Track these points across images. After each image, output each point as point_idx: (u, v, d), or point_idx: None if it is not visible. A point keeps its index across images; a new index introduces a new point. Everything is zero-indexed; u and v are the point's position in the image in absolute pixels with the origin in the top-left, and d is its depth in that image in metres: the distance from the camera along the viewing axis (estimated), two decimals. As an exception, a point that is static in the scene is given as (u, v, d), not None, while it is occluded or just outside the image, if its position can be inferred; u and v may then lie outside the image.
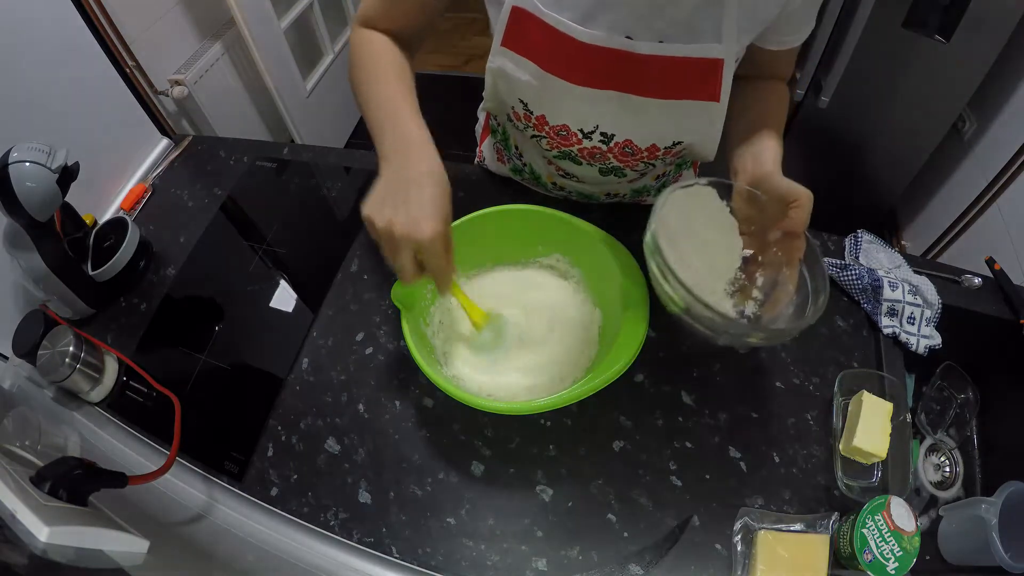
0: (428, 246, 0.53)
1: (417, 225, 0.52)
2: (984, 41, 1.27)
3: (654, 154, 0.71)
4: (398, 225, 0.52)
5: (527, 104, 0.69)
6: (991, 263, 0.82)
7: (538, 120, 0.70)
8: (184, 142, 1.17)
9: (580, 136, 0.69)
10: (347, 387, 0.77)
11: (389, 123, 0.60)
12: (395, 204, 0.53)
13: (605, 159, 0.73)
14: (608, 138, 0.69)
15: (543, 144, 0.74)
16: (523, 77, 0.65)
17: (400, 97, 0.62)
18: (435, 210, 0.54)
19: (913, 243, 1.75)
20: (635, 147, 0.69)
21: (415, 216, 0.52)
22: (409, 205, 0.53)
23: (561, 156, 0.76)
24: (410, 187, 0.54)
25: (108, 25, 1.16)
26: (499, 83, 0.69)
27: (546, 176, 0.86)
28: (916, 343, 0.74)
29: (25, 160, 0.73)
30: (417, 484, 0.68)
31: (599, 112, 0.66)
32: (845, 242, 0.85)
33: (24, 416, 0.73)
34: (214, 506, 0.71)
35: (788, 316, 0.58)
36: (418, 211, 0.53)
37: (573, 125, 0.68)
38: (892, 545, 0.56)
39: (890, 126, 1.53)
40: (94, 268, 0.88)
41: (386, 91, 0.63)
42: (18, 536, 0.49)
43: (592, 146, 0.71)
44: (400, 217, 0.52)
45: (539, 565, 0.62)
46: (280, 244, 0.96)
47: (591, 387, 0.59)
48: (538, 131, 0.72)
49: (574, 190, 0.87)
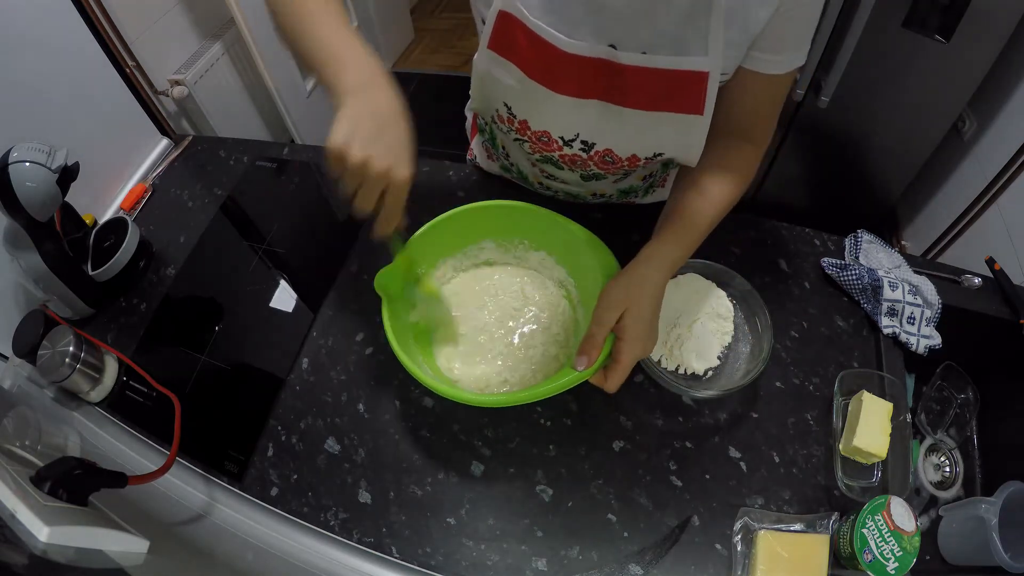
0: (399, 187, 0.52)
1: (396, 164, 0.51)
2: (984, 41, 1.27)
3: (635, 163, 0.70)
4: (376, 160, 0.50)
5: (511, 108, 0.69)
6: (991, 263, 0.82)
7: (520, 124, 0.70)
8: (184, 142, 1.17)
9: (561, 143, 0.69)
10: (347, 387, 0.77)
11: (337, 43, 0.55)
12: (368, 139, 0.51)
13: (586, 166, 0.73)
14: (588, 147, 0.69)
15: (526, 148, 0.74)
16: (507, 81, 0.65)
17: (341, 22, 0.57)
18: (408, 151, 0.53)
19: (913, 243, 1.75)
20: (615, 156, 0.69)
21: (394, 155, 0.51)
22: (385, 142, 0.52)
23: (543, 160, 0.76)
24: (382, 123, 0.53)
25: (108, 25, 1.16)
26: (485, 84, 0.69)
27: (532, 177, 0.87)
28: (916, 343, 0.74)
29: (25, 160, 0.73)
30: (417, 484, 0.68)
31: (580, 121, 0.66)
32: (845, 242, 0.85)
33: (24, 416, 0.73)
34: (214, 506, 0.71)
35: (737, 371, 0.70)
36: (396, 149, 0.52)
37: (554, 132, 0.68)
38: (892, 545, 0.56)
39: (890, 126, 1.53)
40: (94, 268, 0.88)
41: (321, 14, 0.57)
42: (18, 536, 0.49)
43: (572, 153, 0.71)
44: (378, 151, 0.51)
45: (539, 565, 0.62)
46: (280, 244, 0.96)
47: (551, 388, 0.59)
48: (520, 135, 0.72)
49: (560, 190, 0.87)
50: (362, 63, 0.54)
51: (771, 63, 0.60)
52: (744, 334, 0.74)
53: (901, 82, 1.42)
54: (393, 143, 0.52)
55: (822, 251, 0.85)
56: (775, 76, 0.61)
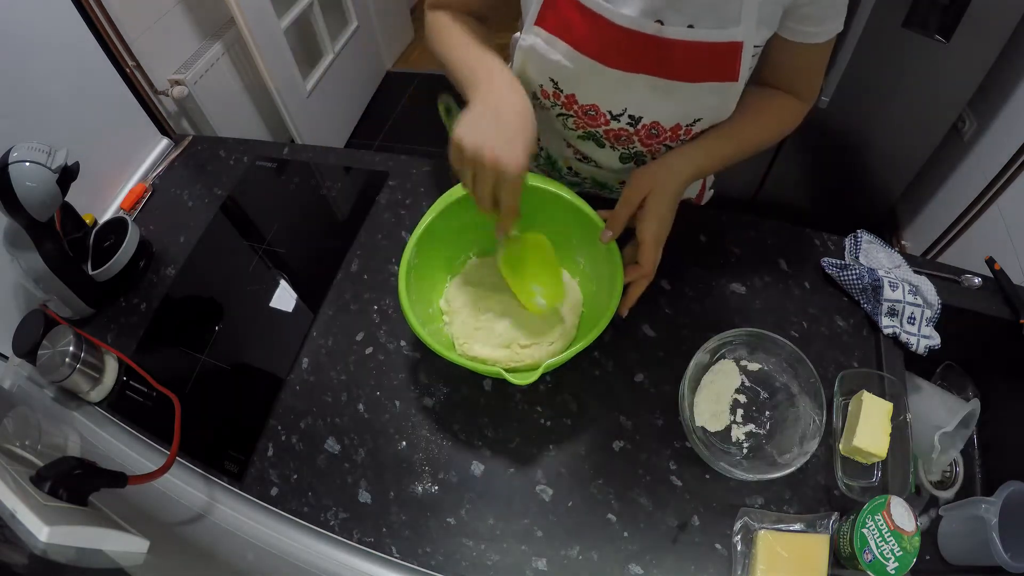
0: (510, 181, 0.54)
1: (508, 157, 0.53)
2: (984, 41, 1.27)
3: (676, 134, 0.71)
4: (488, 150, 0.53)
5: (557, 83, 0.69)
6: (991, 263, 0.82)
7: (567, 99, 0.70)
8: (184, 142, 1.17)
9: (608, 117, 0.70)
10: (347, 387, 0.77)
11: (472, 61, 0.63)
12: (486, 129, 0.54)
13: (630, 142, 0.73)
14: (635, 120, 0.70)
15: (569, 124, 0.75)
16: (554, 57, 0.66)
17: (477, 45, 0.66)
18: (525, 146, 0.55)
19: (913, 243, 1.75)
20: (661, 128, 0.70)
21: (507, 148, 0.53)
22: (502, 133, 0.54)
23: (585, 137, 0.76)
24: (503, 116, 0.56)
25: (108, 25, 1.16)
26: (528, 62, 0.69)
27: (562, 161, 0.86)
28: (916, 343, 0.74)
29: (25, 160, 0.73)
30: (417, 484, 0.68)
31: (629, 95, 0.67)
32: (845, 242, 0.85)
33: (24, 416, 0.73)
34: (214, 506, 0.71)
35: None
36: (511, 143, 0.54)
37: (603, 106, 0.69)
38: (892, 545, 0.56)
39: (890, 126, 1.53)
40: (94, 268, 0.88)
41: (461, 44, 0.67)
42: (18, 536, 0.49)
43: (619, 128, 0.71)
44: (491, 143, 0.53)
45: (539, 565, 0.62)
46: (280, 244, 0.96)
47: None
48: (567, 110, 0.72)
49: (590, 176, 0.87)
50: (492, 73, 0.61)
51: (812, 34, 0.63)
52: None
53: (901, 82, 1.42)
54: (509, 136, 0.55)
55: (822, 251, 0.85)
56: (817, 44, 0.64)
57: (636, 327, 0.77)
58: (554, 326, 0.72)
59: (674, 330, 0.77)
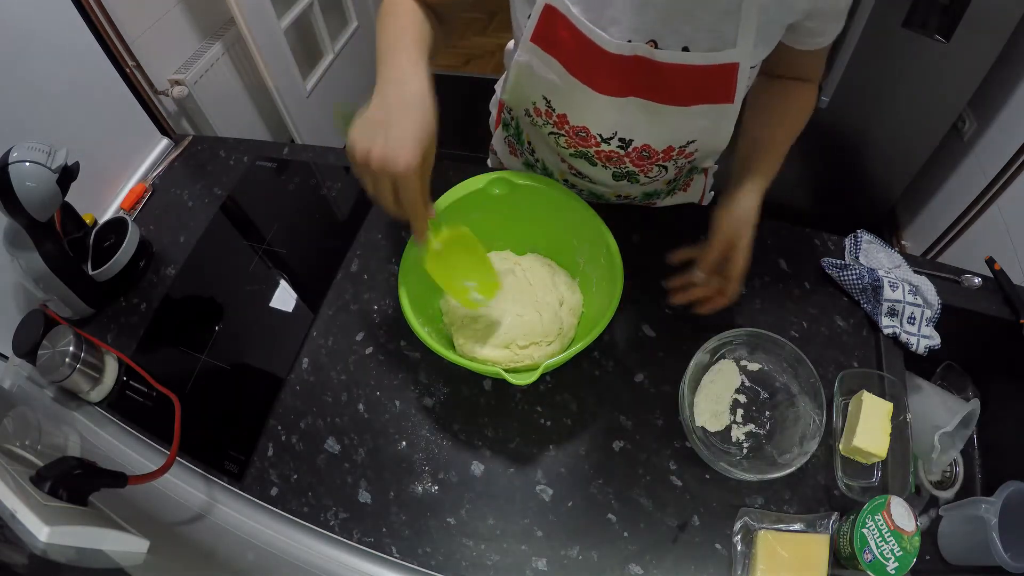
0: (402, 179, 0.51)
1: (394, 154, 0.50)
2: (984, 41, 1.27)
3: (669, 155, 0.71)
4: (375, 153, 0.50)
5: (550, 101, 0.69)
6: (991, 263, 0.82)
7: (559, 118, 0.70)
8: (184, 142, 1.17)
9: (599, 139, 0.70)
10: (347, 387, 0.77)
11: (388, 57, 0.58)
12: (375, 132, 0.51)
13: (621, 163, 0.73)
14: (626, 143, 0.69)
15: (561, 142, 0.74)
16: (548, 75, 0.65)
17: (407, 37, 0.60)
18: (415, 140, 0.51)
19: (913, 243, 1.75)
20: (652, 151, 0.70)
21: (393, 145, 0.50)
22: (390, 132, 0.51)
23: (577, 155, 0.76)
24: (392, 113, 0.52)
25: (108, 25, 1.16)
26: (523, 78, 0.69)
27: (558, 173, 0.86)
28: (916, 343, 0.74)
29: (25, 160, 0.73)
30: (417, 484, 0.68)
31: (619, 118, 0.66)
32: (845, 242, 0.85)
33: (24, 416, 0.73)
34: (214, 506, 0.71)
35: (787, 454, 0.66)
36: (398, 140, 0.51)
37: (593, 128, 0.69)
38: (892, 545, 0.56)
39: (890, 126, 1.53)
40: (94, 268, 0.88)
41: (394, 31, 0.61)
42: (18, 536, 0.49)
43: (610, 150, 0.71)
44: (378, 146, 0.50)
45: (539, 565, 0.62)
46: (280, 244, 0.96)
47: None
48: (558, 128, 0.72)
49: (585, 188, 0.87)
50: (399, 63, 0.56)
51: (815, 42, 0.65)
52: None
53: (901, 82, 1.42)
54: (398, 135, 0.51)
55: (822, 251, 0.85)
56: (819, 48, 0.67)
57: (636, 327, 0.77)
58: (554, 326, 0.72)
59: (674, 330, 0.77)
